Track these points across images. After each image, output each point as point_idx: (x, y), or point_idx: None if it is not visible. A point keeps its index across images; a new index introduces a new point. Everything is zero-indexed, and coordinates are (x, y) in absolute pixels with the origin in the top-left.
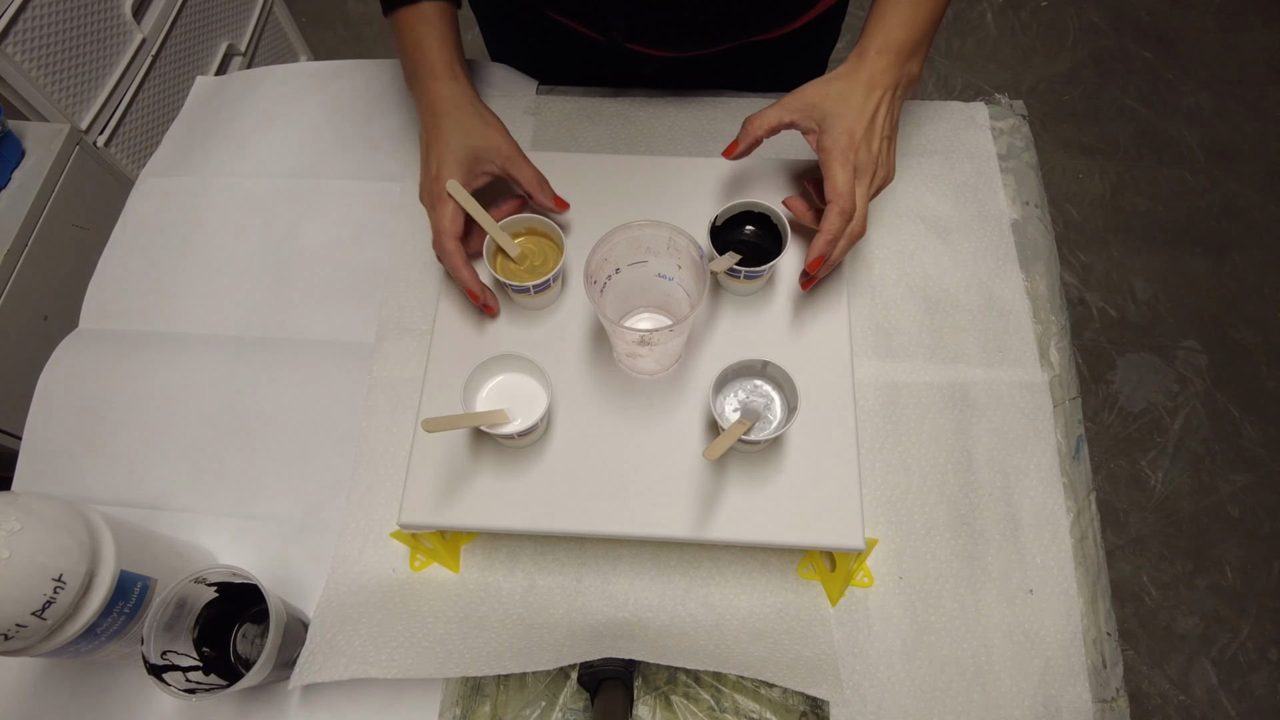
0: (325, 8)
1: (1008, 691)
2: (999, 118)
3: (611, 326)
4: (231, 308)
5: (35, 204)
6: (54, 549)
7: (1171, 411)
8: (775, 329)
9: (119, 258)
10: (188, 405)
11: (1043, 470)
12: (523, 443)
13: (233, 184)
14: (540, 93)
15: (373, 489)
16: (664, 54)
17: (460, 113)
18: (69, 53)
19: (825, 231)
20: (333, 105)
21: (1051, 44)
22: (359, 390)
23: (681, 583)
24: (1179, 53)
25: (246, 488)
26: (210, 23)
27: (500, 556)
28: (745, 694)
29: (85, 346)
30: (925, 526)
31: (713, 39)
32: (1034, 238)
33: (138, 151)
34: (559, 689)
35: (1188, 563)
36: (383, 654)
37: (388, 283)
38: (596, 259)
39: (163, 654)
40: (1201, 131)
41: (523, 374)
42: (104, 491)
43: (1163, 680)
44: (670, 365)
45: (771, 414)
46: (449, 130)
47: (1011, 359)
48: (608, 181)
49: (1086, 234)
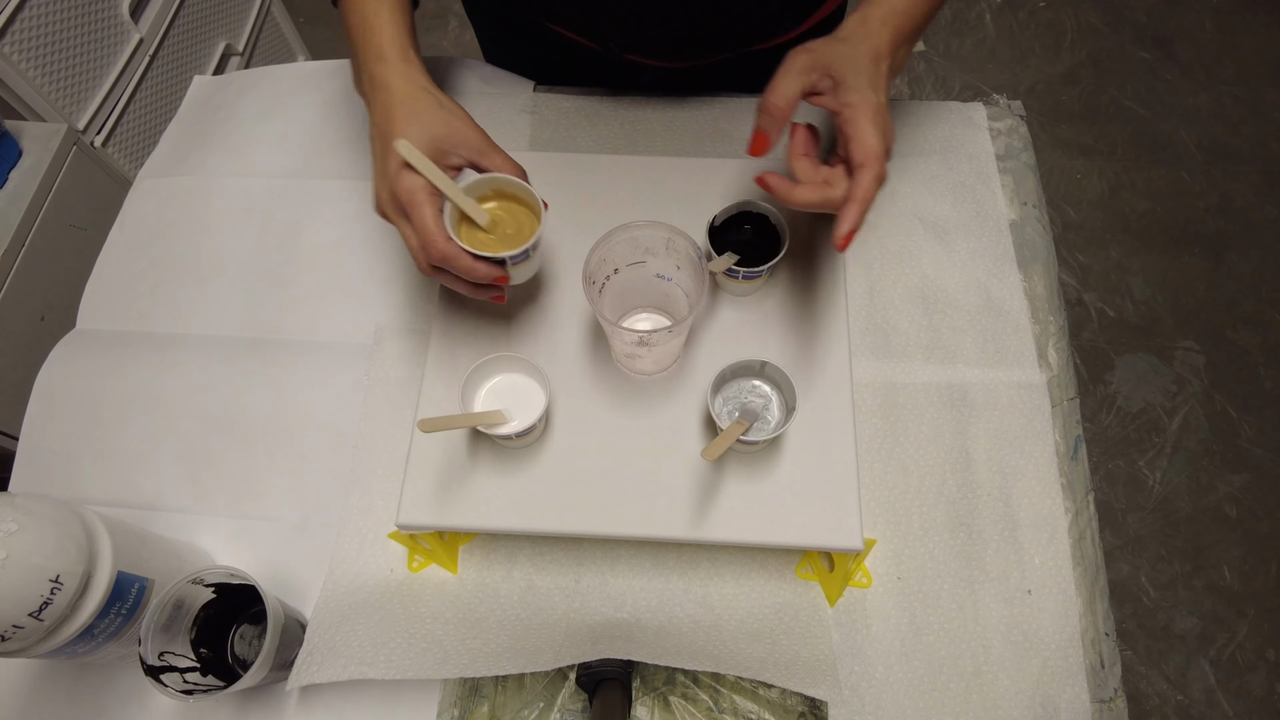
0: (323, 7)
1: (1006, 691)
2: (997, 118)
3: (610, 327)
4: (229, 308)
5: (32, 204)
6: (51, 550)
7: (1169, 412)
8: (773, 329)
9: (116, 258)
10: (185, 405)
11: (1041, 470)
12: (521, 443)
13: (231, 184)
14: (538, 91)
15: (370, 489)
16: (661, 64)
17: (416, 102)
18: (66, 52)
19: (859, 200)
20: (331, 105)
21: (1050, 44)
22: (357, 391)
23: (680, 583)
24: (1176, 54)
25: (244, 488)
26: (208, 22)
27: (498, 557)
28: (743, 694)
29: (83, 347)
30: (923, 527)
31: (709, 50)
32: (1032, 238)
33: (135, 151)
34: (557, 690)
35: (1186, 563)
36: (381, 655)
37: (386, 283)
38: (595, 259)
39: (160, 655)
40: (1199, 132)
41: (521, 374)
42: (101, 492)
43: (1161, 680)
44: (669, 365)
45: (770, 414)
46: (403, 121)
47: (1010, 359)
48: (606, 182)
49: (1085, 234)
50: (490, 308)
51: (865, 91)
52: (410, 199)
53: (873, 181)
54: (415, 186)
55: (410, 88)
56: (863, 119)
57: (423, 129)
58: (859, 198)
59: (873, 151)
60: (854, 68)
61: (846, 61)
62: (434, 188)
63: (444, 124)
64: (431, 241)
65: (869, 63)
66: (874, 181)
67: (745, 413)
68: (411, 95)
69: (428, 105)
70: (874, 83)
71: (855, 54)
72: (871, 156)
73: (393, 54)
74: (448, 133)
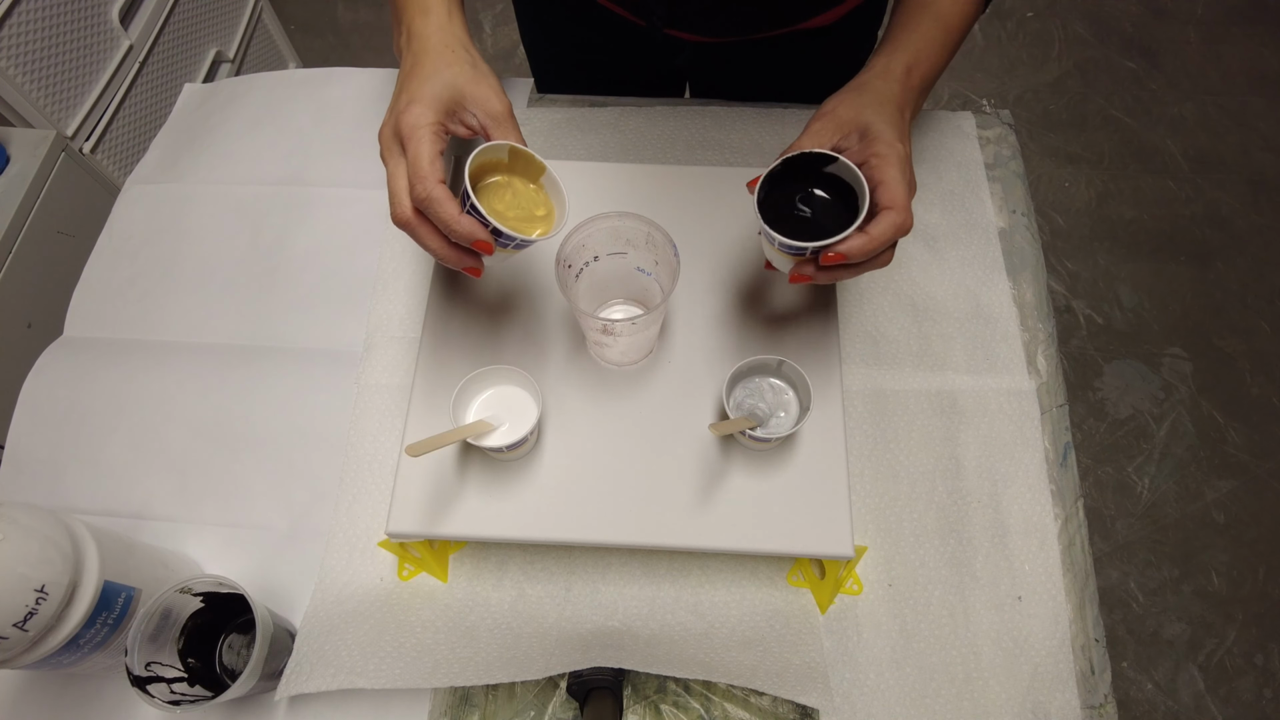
0: (314, 15)
1: (996, 698)
2: (986, 126)
3: (578, 314)
4: (218, 315)
5: (20, 210)
6: (36, 560)
7: (1157, 418)
8: (763, 337)
9: (104, 265)
10: (173, 414)
11: (1030, 477)
12: (512, 456)
13: (220, 191)
14: (531, 104)
15: (360, 498)
16: (701, 39)
17: (451, 53)
18: (55, 58)
19: (874, 237)
20: (321, 112)
21: (1037, 54)
22: (347, 398)
23: (671, 591)
24: (1162, 64)
25: (233, 497)
26: (198, 29)
27: (489, 565)
28: (735, 702)
29: (70, 354)
30: (914, 534)
31: (752, 25)
32: (1021, 246)
33: (124, 158)
34: (548, 699)
35: (1174, 569)
36: (370, 664)
37: (376, 290)
38: (571, 244)
39: (147, 665)
40: (1185, 141)
41: (512, 386)
42: (88, 501)
43: (1150, 686)
44: (639, 359)
45: (786, 412)
46: (431, 66)
47: (999, 366)
48: (596, 189)
49: (1073, 242)
50: (482, 316)
51: (893, 143)
52: (412, 132)
53: (891, 226)
54: (422, 123)
55: (447, 39)
56: (890, 167)
57: (449, 76)
58: (873, 232)
59: (899, 199)
60: (880, 118)
61: (872, 113)
62: (440, 128)
63: (470, 81)
64: (419, 177)
65: (895, 113)
66: (892, 227)
67: (749, 416)
68: (447, 46)
69: (459, 59)
70: (900, 134)
71: (880, 105)
72: (898, 203)
73: (436, 7)
74: (471, 91)
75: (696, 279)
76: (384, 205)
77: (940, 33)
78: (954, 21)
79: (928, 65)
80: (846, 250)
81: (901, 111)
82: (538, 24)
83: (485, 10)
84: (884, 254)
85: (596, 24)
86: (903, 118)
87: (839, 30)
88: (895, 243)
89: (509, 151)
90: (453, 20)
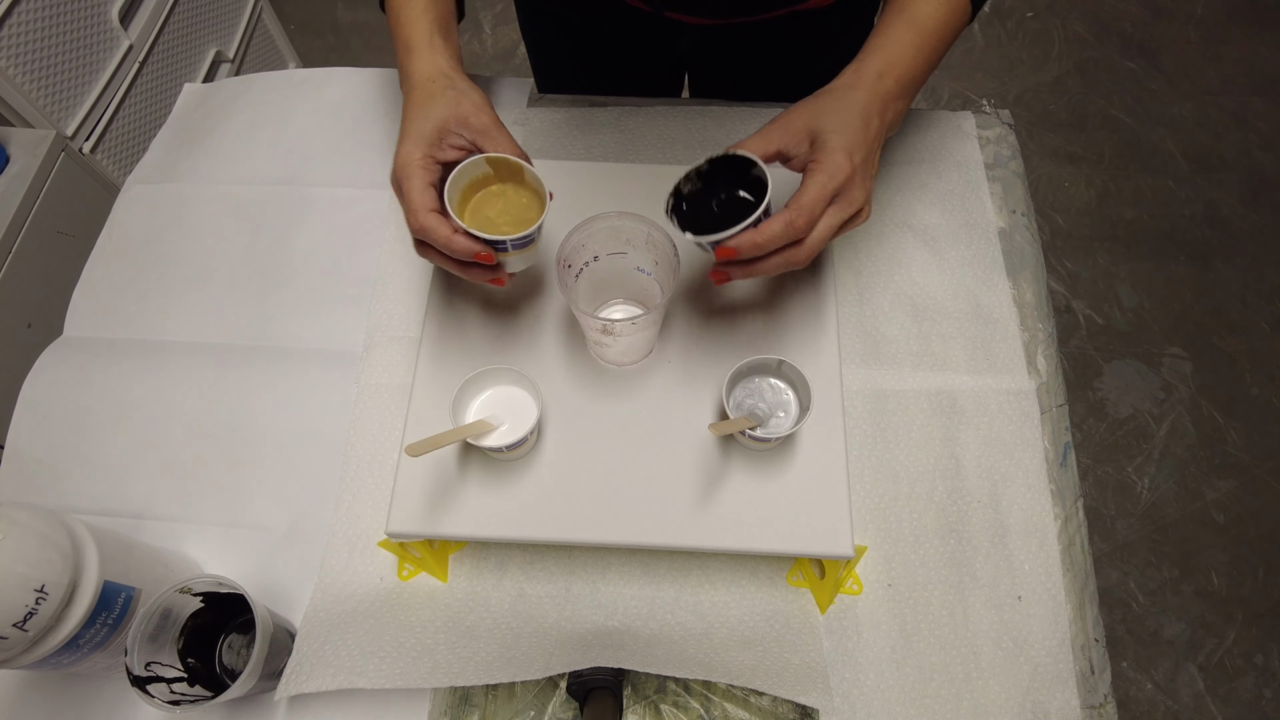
0: (314, 15)
1: (996, 698)
2: (986, 126)
3: (577, 313)
4: (218, 315)
5: (20, 210)
6: (36, 559)
7: (1157, 418)
8: (763, 337)
9: (104, 265)
10: (173, 414)
11: (1030, 477)
12: (512, 456)
13: (220, 191)
14: (531, 104)
15: (360, 498)
16: (702, 21)
17: (433, 84)
18: (55, 58)
19: (761, 233)
20: (321, 113)
21: (1037, 54)
22: (346, 398)
23: (671, 591)
24: (1162, 63)
25: (233, 497)
26: (198, 29)
27: (489, 565)
28: (735, 702)
29: (70, 354)
30: (914, 533)
31: (751, 4)
32: (1021, 246)
33: (124, 158)
34: (548, 698)
35: (1174, 568)
36: (370, 664)
37: (375, 290)
38: (571, 244)
39: (147, 665)
40: (1184, 141)
41: (512, 386)
42: (88, 501)
43: (1150, 686)
44: (639, 358)
45: (785, 412)
46: (417, 104)
47: (999, 366)
48: (596, 189)
49: (1073, 242)
50: (482, 316)
51: (833, 153)
52: (403, 171)
53: (782, 228)
54: (409, 160)
55: (429, 72)
56: (818, 174)
57: (432, 110)
58: (761, 229)
59: (800, 203)
60: (834, 127)
61: (828, 118)
62: (429, 160)
63: (452, 105)
64: (412, 211)
65: (856, 121)
66: (784, 228)
67: (749, 416)
68: (429, 79)
69: (440, 89)
70: (853, 144)
71: (840, 109)
72: (796, 206)
73: (419, 43)
74: (453, 113)
75: (696, 279)
76: (384, 205)
77: (915, 36)
78: (929, 25)
79: (902, 69)
80: (736, 245)
81: (866, 119)
82: (540, 15)
83: (485, 10)
84: (788, 251)
85: (596, 9)
86: (867, 126)
87: (836, 12)
88: (805, 242)
89: (490, 163)
90: (434, 50)
